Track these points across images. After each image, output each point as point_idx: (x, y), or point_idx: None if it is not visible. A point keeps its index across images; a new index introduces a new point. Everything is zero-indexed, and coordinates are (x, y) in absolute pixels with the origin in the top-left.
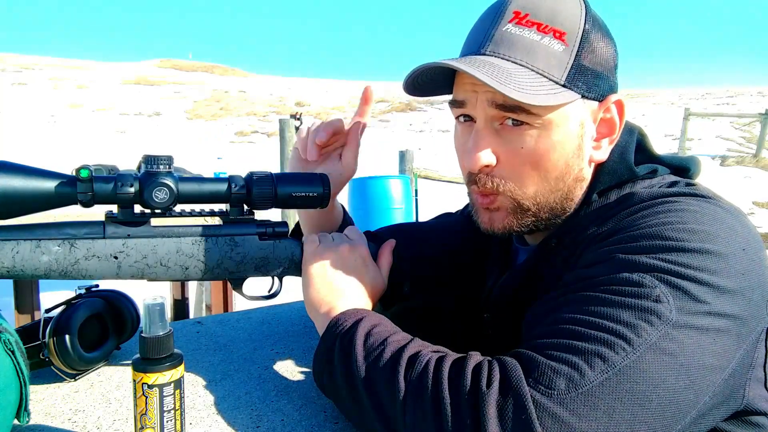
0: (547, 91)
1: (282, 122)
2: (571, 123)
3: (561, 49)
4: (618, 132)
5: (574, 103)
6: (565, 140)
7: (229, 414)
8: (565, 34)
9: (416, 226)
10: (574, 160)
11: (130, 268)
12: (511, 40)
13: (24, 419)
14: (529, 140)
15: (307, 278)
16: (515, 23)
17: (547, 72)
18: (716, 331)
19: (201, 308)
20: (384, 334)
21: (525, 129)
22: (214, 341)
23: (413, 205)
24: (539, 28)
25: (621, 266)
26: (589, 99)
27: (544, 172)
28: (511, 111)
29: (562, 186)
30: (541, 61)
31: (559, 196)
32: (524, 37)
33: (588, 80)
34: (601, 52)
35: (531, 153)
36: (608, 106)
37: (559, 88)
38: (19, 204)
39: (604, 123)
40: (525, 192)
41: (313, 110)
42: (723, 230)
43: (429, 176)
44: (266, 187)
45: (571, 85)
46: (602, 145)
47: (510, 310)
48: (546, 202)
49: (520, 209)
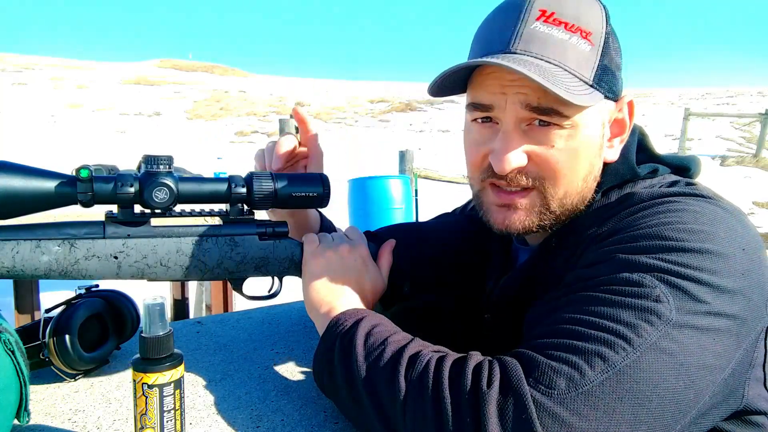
0: (582, 91)
1: (282, 122)
2: (595, 123)
3: (588, 49)
4: (628, 131)
5: (599, 104)
6: (591, 140)
7: (229, 414)
8: (591, 34)
9: (416, 226)
10: (596, 160)
11: (130, 268)
12: (541, 38)
13: (24, 419)
14: (559, 140)
15: (307, 278)
16: (543, 21)
17: (578, 72)
18: (716, 331)
19: (201, 308)
20: (384, 334)
21: (553, 129)
22: (214, 341)
23: (413, 205)
24: (567, 27)
25: (621, 266)
26: (610, 99)
27: (574, 171)
28: (543, 113)
29: (584, 187)
30: (572, 60)
31: (581, 197)
32: (554, 36)
33: (609, 81)
34: (616, 54)
35: (563, 152)
36: (622, 107)
37: (589, 88)
38: (19, 204)
39: (617, 123)
40: (556, 191)
41: (313, 110)
42: (723, 230)
43: (429, 176)
44: (266, 187)
45: (597, 85)
46: (614, 144)
47: (510, 311)
48: (570, 204)
49: (546, 209)
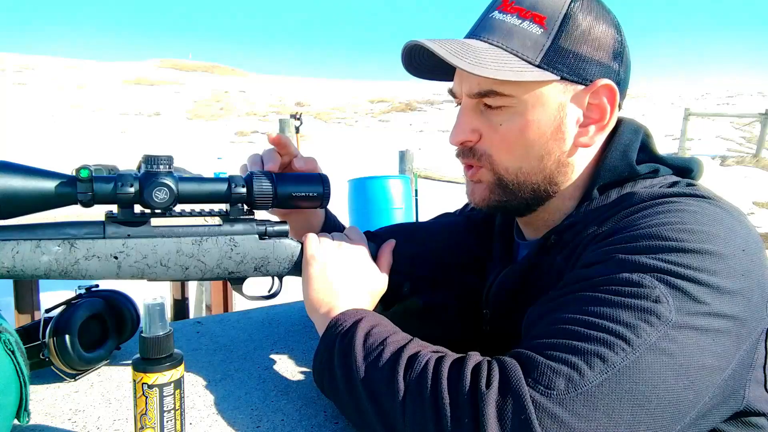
0: (517, 68)
1: (282, 122)
2: (548, 104)
3: (539, 33)
4: (609, 119)
5: (551, 85)
6: (542, 120)
7: (229, 414)
8: (545, 18)
9: (416, 226)
10: (554, 143)
11: (130, 268)
12: (493, 24)
13: (24, 419)
14: (506, 118)
15: (307, 278)
16: (501, 10)
17: (520, 52)
18: (716, 332)
19: (201, 308)
20: (383, 334)
21: (503, 109)
22: (214, 341)
23: (413, 205)
24: (521, 13)
25: (621, 266)
26: (572, 82)
27: (523, 149)
28: (485, 95)
29: (543, 167)
30: (516, 42)
31: (541, 177)
32: (505, 22)
33: (569, 63)
34: (590, 37)
35: (508, 130)
36: (596, 90)
37: (531, 67)
38: (19, 204)
39: (593, 108)
40: (506, 167)
41: (313, 110)
42: (723, 231)
43: (429, 176)
44: (266, 187)
45: (548, 66)
46: (589, 131)
47: (509, 306)
48: (528, 181)
49: (501, 184)
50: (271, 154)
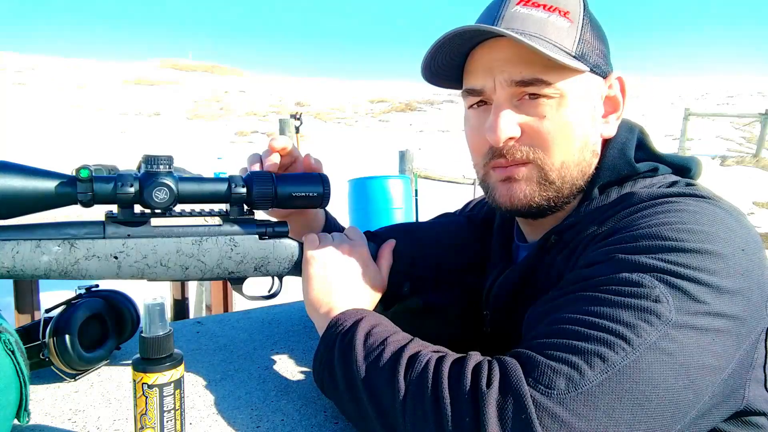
0: (565, 57)
1: (282, 122)
2: (585, 95)
3: (567, 25)
4: (622, 107)
5: (584, 75)
6: (581, 110)
7: (229, 414)
8: (569, 12)
9: (416, 226)
10: (590, 131)
11: (130, 268)
12: (521, 17)
13: (24, 419)
14: (549, 110)
15: (307, 278)
16: (523, 5)
17: (559, 43)
18: (716, 331)
19: (201, 308)
20: (384, 334)
21: (543, 100)
22: (214, 341)
23: (413, 205)
24: (545, 7)
25: (621, 266)
26: (596, 74)
27: (568, 141)
28: (530, 85)
29: (582, 159)
30: (552, 34)
31: (579, 169)
32: (533, 15)
33: (593, 56)
34: (598, 34)
35: (553, 121)
36: (611, 83)
37: (572, 58)
38: (19, 204)
39: (609, 100)
40: (553, 161)
41: (313, 110)
42: (722, 230)
43: (429, 176)
44: (266, 187)
45: (581, 58)
46: (610, 120)
47: (509, 307)
48: (570, 176)
49: (546, 180)
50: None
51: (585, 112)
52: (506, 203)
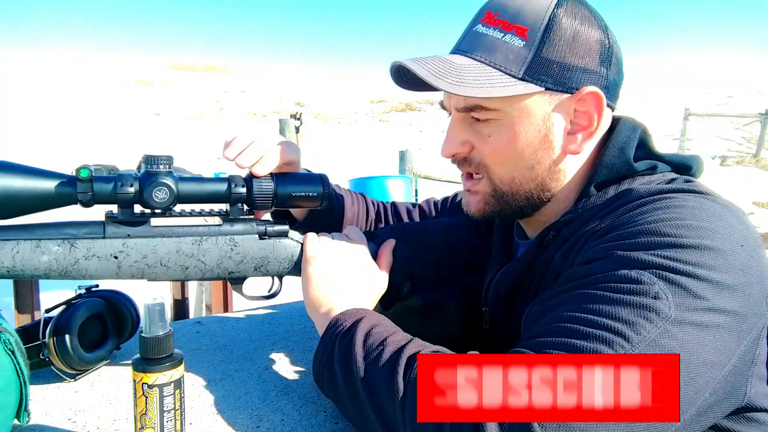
0: (500, 84)
1: (282, 122)
2: (533, 115)
3: (521, 45)
4: (597, 125)
5: (536, 96)
6: (528, 131)
7: (229, 414)
8: (527, 30)
9: (416, 225)
10: (543, 152)
11: (130, 268)
12: (476, 39)
13: (24, 419)
14: (494, 130)
15: (306, 278)
16: (485, 23)
17: (503, 66)
18: (716, 328)
19: (201, 308)
20: (383, 334)
21: (491, 122)
22: (214, 341)
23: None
24: (504, 26)
25: (619, 263)
26: (557, 91)
27: (513, 159)
28: (471, 110)
29: (535, 176)
30: (499, 56)
31: (533, 185)
32: (488, 36)
33: (553, 73)
34: (575, 44)
35: (497, 141)
36: (582, 98)
37: (514, 81)
38: (19, 204)
39: (581, 115)
40: (501, 176)
41: (313, 110)
42: (721, 226)
43: (429, 176)
44: (266, 187)
45: (531, 78)
46: (577, 138)
47: (508, 303)
48: (521, 190)
49: (496, 194)
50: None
51: (532, 133)
52: (468, 211)
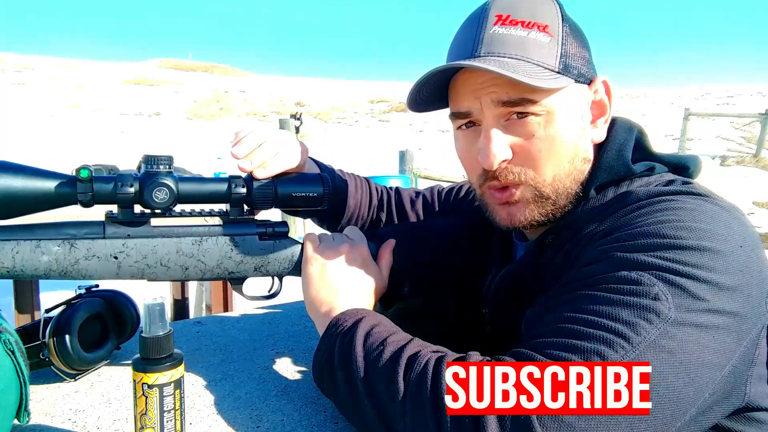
0: (548, 77)
1: (282, 122)
2: (571, 106)
3: (548, 40)
4: (610, 110)
5: (569, 87)
6: (569, 122)
7: (229, 414)
8: (548, 26)
9: (416, 226)
10: (580, 141)
11: (130, 268)
12: (501, 39)
13: (24, 419)
14: (538, 128)
15: (307, 278)
16: (500, 24)
17: (542, 62)
18: (715, 328)
19: (201, 308)
20: (384, 334)
21: (531, 118)
22: (214, 341)
23: None
24: (524, 25)
25: (619, 264)
26: (581, 83)
27: (558, 155)
28: (516, 105)
29: (573, 169)
30: (533, 53)
31: (571, 179)
32: (512, 35)
33: (577, 66)
34: (579, 41)
35: (543, 139)
36: (596, 88)
37: (555, 74)
38: (19, 204)
39: (596, 104)
40: (545, 179)
41: (313, 110)
42: (720, 227)
43: (429, 176)
44: (266, 187)
45: (564, 71)
46: (598, 124)
47: (508, 305)
48: (563, 188)
49: (541, 197)
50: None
51: (573, 124)
52: (507, 224)
